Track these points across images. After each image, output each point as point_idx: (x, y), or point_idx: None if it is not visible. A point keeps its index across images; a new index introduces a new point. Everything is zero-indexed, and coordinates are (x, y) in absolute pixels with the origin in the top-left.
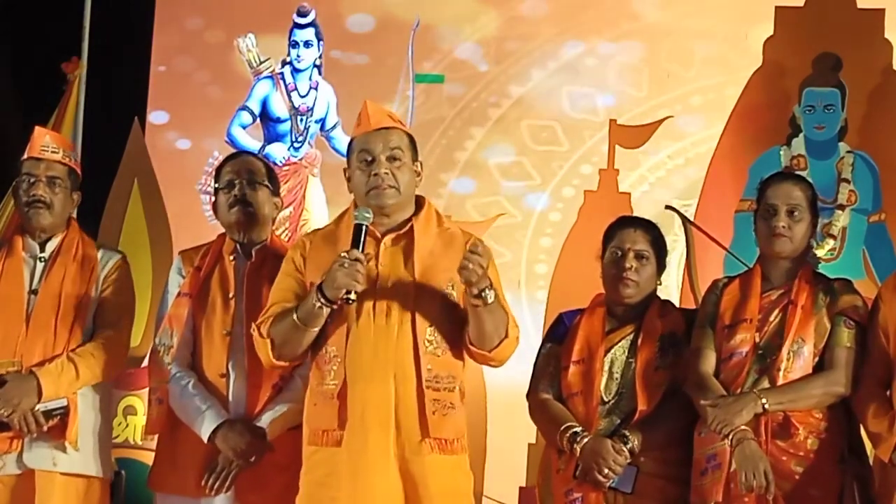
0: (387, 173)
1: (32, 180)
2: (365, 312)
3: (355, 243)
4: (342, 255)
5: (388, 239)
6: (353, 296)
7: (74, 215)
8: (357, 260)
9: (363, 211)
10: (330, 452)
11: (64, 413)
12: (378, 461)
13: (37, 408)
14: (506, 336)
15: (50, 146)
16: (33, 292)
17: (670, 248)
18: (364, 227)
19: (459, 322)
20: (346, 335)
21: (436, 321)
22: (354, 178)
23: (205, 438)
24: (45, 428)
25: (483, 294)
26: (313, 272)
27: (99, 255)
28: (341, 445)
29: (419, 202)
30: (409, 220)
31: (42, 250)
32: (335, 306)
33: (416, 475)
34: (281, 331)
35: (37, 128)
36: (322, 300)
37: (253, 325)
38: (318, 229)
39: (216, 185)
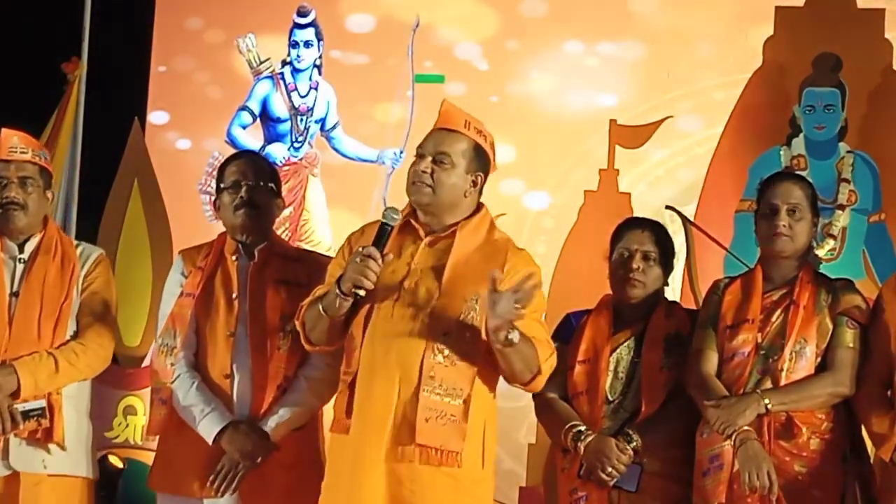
0: (425, 171)
1: (4, 182)
2: (386, 308)
3: (376, 241)
4: (359, 249)
5: (428, 239)
6: (361, 291)
7: (51, 213)
8: (370, 257)
9: (392, 212)
10: (341, 440)
11: (41, 414)
12: (370, 459)
13: (15, 406)
14: (539, 372)
15: (18, 147)
16: (14, 294)
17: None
18: (388, 228)
19: (476, 335)
20: (366, 327)
21: (451, 330)
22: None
23: (210, 440)
24: (21, 427)
25: (509, 338)
26: None
27: (78, 252)
28: (349, 434)
29: (478, 209)
30: (456, 224)
31: (21, 251)
32: (350, 299)
33: (403, 480)
34: (310, 316)
35: (3, 130)
36: (339, 290)
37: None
38: (374, 221)
39: (221, 185)
